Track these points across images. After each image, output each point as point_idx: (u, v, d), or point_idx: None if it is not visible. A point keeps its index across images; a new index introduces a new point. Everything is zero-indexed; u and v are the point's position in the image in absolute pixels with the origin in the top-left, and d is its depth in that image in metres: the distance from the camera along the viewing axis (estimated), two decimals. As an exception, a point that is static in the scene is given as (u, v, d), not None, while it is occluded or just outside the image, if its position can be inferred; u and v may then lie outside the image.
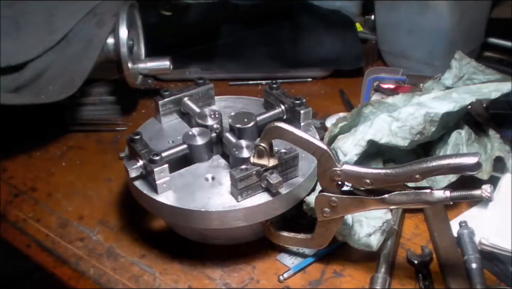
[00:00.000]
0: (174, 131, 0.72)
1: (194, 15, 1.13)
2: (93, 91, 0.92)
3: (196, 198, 0.61)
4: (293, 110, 0.71)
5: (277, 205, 0.62)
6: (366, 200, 0.57)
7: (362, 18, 1.16)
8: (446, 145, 0.74)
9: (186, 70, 1.05)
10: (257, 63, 1.05)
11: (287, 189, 0.62)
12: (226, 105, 0.78)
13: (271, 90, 0.75)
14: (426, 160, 0.54)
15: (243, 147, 0.64)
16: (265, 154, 0.59)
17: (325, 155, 0.56)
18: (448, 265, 0.64)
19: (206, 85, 0.76)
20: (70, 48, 0.87)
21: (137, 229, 0.73)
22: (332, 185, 0.58)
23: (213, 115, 0.70)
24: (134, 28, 0.95)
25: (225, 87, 1.05)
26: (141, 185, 0.64)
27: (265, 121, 0.70)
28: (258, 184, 0.60)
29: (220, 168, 0.66)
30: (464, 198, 0.54)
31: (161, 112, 0.73)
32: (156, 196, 0.62)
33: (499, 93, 0.72)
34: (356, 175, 0.56)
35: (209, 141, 0.67)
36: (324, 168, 0.57)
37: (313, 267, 0.67)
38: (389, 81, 0.98)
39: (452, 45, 0.96)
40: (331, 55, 1.05)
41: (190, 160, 0.67)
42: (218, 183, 0.63)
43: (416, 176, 0.53)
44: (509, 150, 0.73)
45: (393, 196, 0.56)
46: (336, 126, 0.73)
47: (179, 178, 0.64)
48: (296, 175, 0.63)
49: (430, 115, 0.70)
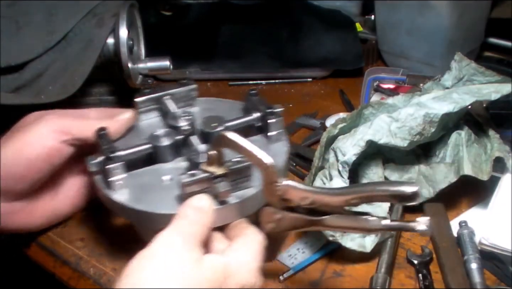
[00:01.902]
0: (150, 129, 0.70)
1: (194, 15, 1.13)
2: (93, 91, 0.92)
3: (148, 199, 0.60)
4: (265, 119, 0.69)
5: (224, 215, 0.59)
6: (306, 219, 0.56)
7: (362, 18, 1.16)
8: (446, 145, 0.74)
9: (186, 70, 1.05)
10: (257, 63, 1.05)
11: (237, 199, 0.60)
12: (207, 108, 0.75)
13: (250, 96, 0.73)
14: (364, 185, 0.53)
15: (202, 152, 0.62)
16: (215, 162, 0.58)
17: (269, 169, 0.55)
18: (448, 265, 0.64)
19: (189, 85, 0.74)
20: (70, 48, 0.87)
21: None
22: (276, 200, 0.56)
23: (185, 117, 0.68)
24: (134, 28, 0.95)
25: (225, 87, 1.05)
26: (100, 180, 0.63)
27: (236, 127, 0.69)
28: (207, 191, 0.58)
29: (181, 170, 0.64)
30: (401, 228, 0.53)
31: (140, 109, 0.72)
32: (111, 193, 0.61)
33: (499, 94, 0.72)
34: (296, 193, 0.55)
35: (174, 143, 0.65)
36: (268, 182, 0.55)
37: (313, 267, 0.67)
38: (389, 81, 0.99)
39: (452, 45, 0.96)
40: (331, 55, 1.05)
41: (153, 160, 0.66)
42: (174, 185, 0.61)
43: (353, 201, 0.52)
44: (509, 150, 0.73)
45: (333, 218, 0.54)
46: (335, 127, 0.73)
47: (137, 177, 0.63)
48: (249, 186, 0.61)
49: (429, 116, 0.70)
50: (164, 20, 1.13)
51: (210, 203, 0.56)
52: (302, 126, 0.92)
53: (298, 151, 0.85)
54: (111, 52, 0.89)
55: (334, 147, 0.71)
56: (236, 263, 0.51)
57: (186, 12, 1.15)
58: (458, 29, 0.97)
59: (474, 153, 0.73)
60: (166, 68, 0.94)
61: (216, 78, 1.06)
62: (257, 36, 1.08)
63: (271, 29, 1.09)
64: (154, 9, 1.14)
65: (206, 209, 0.55)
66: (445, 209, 0.72)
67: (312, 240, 0.69)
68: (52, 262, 0.71)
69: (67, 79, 0.85)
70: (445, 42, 0.97)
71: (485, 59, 1.06)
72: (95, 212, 0.74)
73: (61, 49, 0.87)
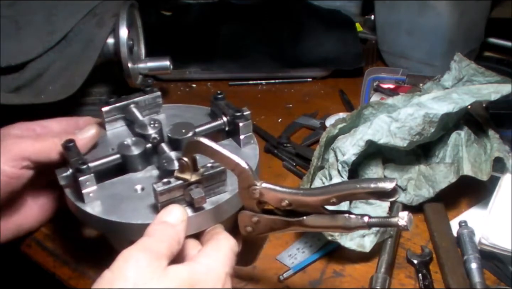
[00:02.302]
0: (117, 139, 0.69)
1: (194, 15, 1.13)
2: (93, 91, 0.92)
3: (121, 209, 0.59)
4: (234, 122, 0.69)
5: (200, 221, 0.60)
6: (284, 220, 0.55)
7: (362, 18, 1.16)
8: (445, 145, 0.74)
9: (186, 70, 1.05)
10: (257, 63, 1.05)
11: (212, 205, 0.59)
12: (173, 114, 0.75)
13: (216, 101, 0.72)
14: (343, 183, 0.52)
15: (173, 159, 0.62)
16: (187, 168, 0.57)
17: (244, 172, 0.54)
18: (448, 265, 0.64)
19: (153, 93, 0.74)
20: (70, 48, 0.87)
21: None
22: (253, 203, 0.56)
23: (153, 125, 0.67)
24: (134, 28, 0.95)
25: (225, 87, 1.05)
26: (71, 193, 0.62)
27: (204, 133, 0.69)
28: (181, 198, 0.58)
29: (152, 178, 0.64)
30: (381, 225, 0.52)
31: (106, 119, 0.71)
32: (83, 205, 0.60)
33: (499, 95, 0.72)
34: (274, 194, 0.54)
35: (143, 152, 0.65)
36: (244, 186, 0.55)
37: (313, 267, 0.67)
38: (389, 81, 0.99)
39: (452, 45, 0.96)
40: (331, 55, 1.05)
41: (124, 169, 0.65)
42: (147, 195, 0.61)
43: (332, 200, 0.52)
44: (509, 150, 0.73)
45: (312, 218, 0.54)
46: (335, 128, 0.73)
47: (109, 188, 0.62)
48: (224, 191, 0.61)
49: (429, 116, 0.70)
50: (164, 20, 1.13)
51: (183, 214, 0.55)
52: (302, 126, 0.92)
53: (298, 151, 0.85)
54: (111, 52, 0.89)
55: (333, 147, 0.71)
56: (204, 269, 0.50)
57: (186, 12, 1.15)
58: (458, 29, 0.97)
59: (474, 153, 0.73)
60: (166, 68, 0.94)
61: (216, 78, 1.06)
62: (257, 36, 1.08)
63: (271, 29, 1.09)
64: (154, 9, 1.15)
65: (177, 222, 0.53)
66: (445, 209, 0.72)
67: (312, 240, 0.69)
68: (52, 262, 0.71)
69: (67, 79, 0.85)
70: (445, 42, 0.97)
71: (485, 59, 1.06)
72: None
73: (61, 49, 0.87)
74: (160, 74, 1.03)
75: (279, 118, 0.94)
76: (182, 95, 1.03)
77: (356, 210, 0.69)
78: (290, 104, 0.98)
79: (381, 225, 0.52)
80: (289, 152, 0.86)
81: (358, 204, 0.70)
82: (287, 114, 0.95)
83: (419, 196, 0.72)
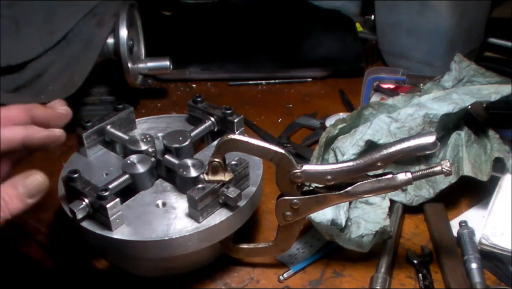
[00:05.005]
0: (104, 163, 0.68)
1: (194, 15, 1.13)
2: (93, 91, 0.92)
3: (154, 228, 0.58)
4: (225, 120, 0.69)
5: (238, 218, 0.61)
6: (329, 196, 0.57)
7: (362, 18, 1.16)
8: (445, 146, 0.74)
9: (186, 70, 1.05)
10: (257, 63, 1.05)
11: (244, 201, 0.60)
12: (149, 127, 0.74)
13: (195, 104, 0.72)
14: (385, 146, 0.54)
15: (189, 165, 0.62)
16: (220, 169, 0.58)
17: (284, 159, 0.56)
18: (448, 265, 0.64)
19: (126, 109, 0.72)
20: (70, 48, 0.87)
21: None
22: (292, 187, 0.57)
23: (145, 139, 0.66)
24: (134, 28, 0.95)
25: (225, 87, 1.05)
26: (91, 224, 0.59)
27: (197, 137, 0.69)
28: (216, 201, 0.59)
29: (167, 192, 0.63)
30: (426, 176, 0.55)
31: (86, 145, 0.69)
32: (110, 233, 0.58)
33: (499, 95, 0.72)
34: (317, 173, 0.56)
35: (151, 167, 0.64)
36: (283, 172, 0.56)
37: (313, 267, 0.67)
38: (389, 81, 0.99)
39: (452, 45, 0.96)
40: (331, 55, 1.05)
41: (133, 189, 0.63)
42: (172, 208, 0.61)
43: (378, 164, 0.54)
44: (509, 150, 0.73)
45: (357, 187, 0.56)
46: (335, 128, 0.73)
47: (129, 210, 0.60)
48: (248, 185, 0.63)
49: (429, 117, 0.70)
50: (164, 20, 1.13)
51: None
52: (302, 126, 0.92)
53: (298, 151, 0.85)
54: (111, 52, 0.89)
55: (333, 147, 0.71)
56: None
57: (186, 12, 1.15)
58: (458, 29, 0.97)
59: (474, 153, 0.73)
60: (166, 68, 0.94)
61: (216, 78, 1.06)
62: (257, 36, 1.08)
63: (271, 29, 1.09)
64: (154, 9, 1.15)
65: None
66: (445, 209, 0.72)
67: (312, 240, 0.69)
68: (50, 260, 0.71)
69: (67, 79, 0.85)
70: (445, 42, 0.97)
71: (485, 59, 1.06)
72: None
73: (61, 49, 0.87)
74: (160, 74, 1.03)
75: (279, 118, 0.94)
76: (182, 95, 1.03)
77: (356, 210, 0.69)
78: (290, 104, 0.98)
79: (426, 176, 0.55)
80: (289, 152, 0.86)
81: (358, 204, 0.70)
82: (287, 114, 0.95)
83: (419, 196, 0.72)
